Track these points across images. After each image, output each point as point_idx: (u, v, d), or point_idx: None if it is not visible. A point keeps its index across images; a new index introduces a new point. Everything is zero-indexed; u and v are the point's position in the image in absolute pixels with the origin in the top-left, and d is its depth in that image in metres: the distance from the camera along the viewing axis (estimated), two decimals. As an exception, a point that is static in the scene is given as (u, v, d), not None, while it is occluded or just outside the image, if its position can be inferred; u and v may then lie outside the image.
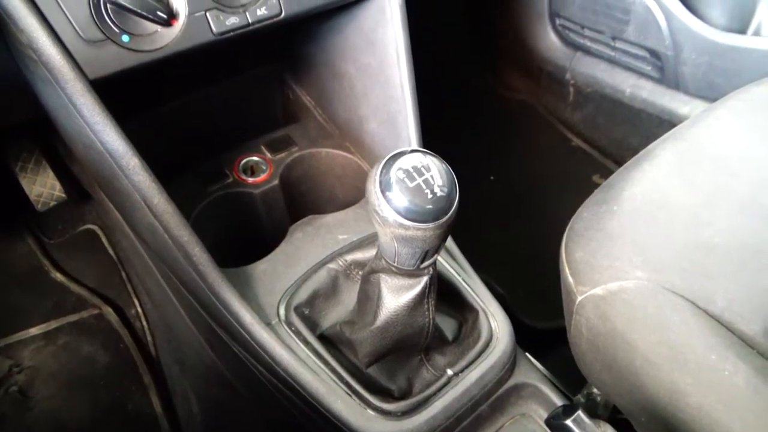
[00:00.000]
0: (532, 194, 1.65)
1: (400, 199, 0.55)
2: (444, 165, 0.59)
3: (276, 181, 1.05)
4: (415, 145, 0.94)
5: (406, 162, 0.57)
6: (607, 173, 1.60)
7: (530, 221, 1.57)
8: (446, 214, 0.57)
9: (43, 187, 1.38)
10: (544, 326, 1.33)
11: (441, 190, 0.56)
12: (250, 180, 1.04)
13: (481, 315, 0.82)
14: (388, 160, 0.57)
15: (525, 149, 1.77)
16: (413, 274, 0.65)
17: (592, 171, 1.65)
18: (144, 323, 1.37)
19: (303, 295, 0.81)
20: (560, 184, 1.64)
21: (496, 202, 1.64)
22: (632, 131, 1.55)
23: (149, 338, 1.35)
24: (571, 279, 0.73)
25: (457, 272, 0.86)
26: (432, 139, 0.98)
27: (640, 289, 0.67)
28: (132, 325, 1.37)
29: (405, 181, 0.56)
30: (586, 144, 1.71)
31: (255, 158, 1.07)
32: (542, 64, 1.73)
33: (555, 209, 1.21)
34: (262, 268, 0.86)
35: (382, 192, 0.56)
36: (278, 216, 1.08)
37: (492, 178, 1.71)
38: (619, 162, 1.58)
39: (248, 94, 1.22)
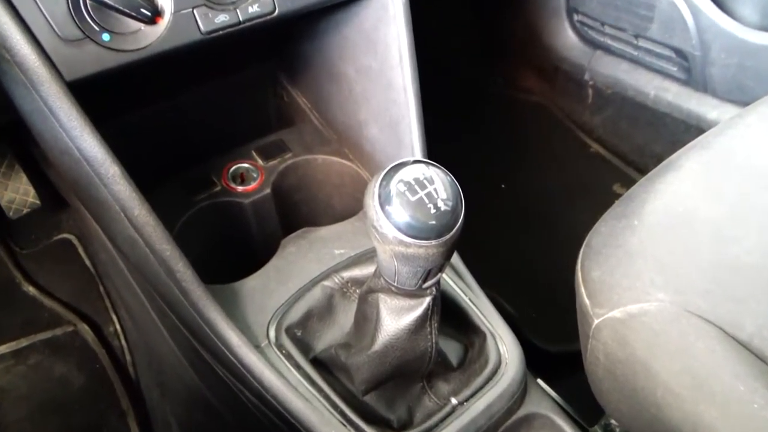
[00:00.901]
0: (546, 205, 1.64)
1: (401, 214, 0.56)
2: (449, 177, 0.59)
3: (268, 190, 1.05)
4: (418, 152, 0.94)
5: (407, 173, 0.57)
6: (628, 182, 1.60)
7: (544, 235, 1.56)
8: (450, 230, 0.57)
9: (15, 193, 1.39)
10: (558, 350, 1.33)
11: (445, 205, 0.57)
12: (240, 188, 1.05)
13: (489, 338, 0.82)
14: (388, 171, 0.58)
15: (539, 156, 1.77)
16: (415, 294, 0.65)
17: (612, 180, 1.65)
18: (122, 342, 1.37)
19: (295, 315, 0.81)
20: (577, 195, 1.64)
21: (506, 213, 1.64)
22: (656, 137, 1.55)
23: (128, 359, 1.35)
24: (587, 300, 0.74)
25: (462, 291, 0.87)
26: (437, 146, 0.98)
27: (662, 312, 0.67)
28: (109, 344, 1.36)
29: (406, 195, 0.56)
30: (605, 150, 1.71)
31: (245, 165, 1.08)
32: (558, 64, 1.73)
33: (571, 222, 1.20)
34: (251, 285, 0.86)
35: (381, 206, 0.56)
36: (270, 228, 1.08)
37: (503, 186, 1.71)
38: (642, 170, 1.58)
39: (239, 96, 1.23)
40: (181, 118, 1.16)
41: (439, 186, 0.57)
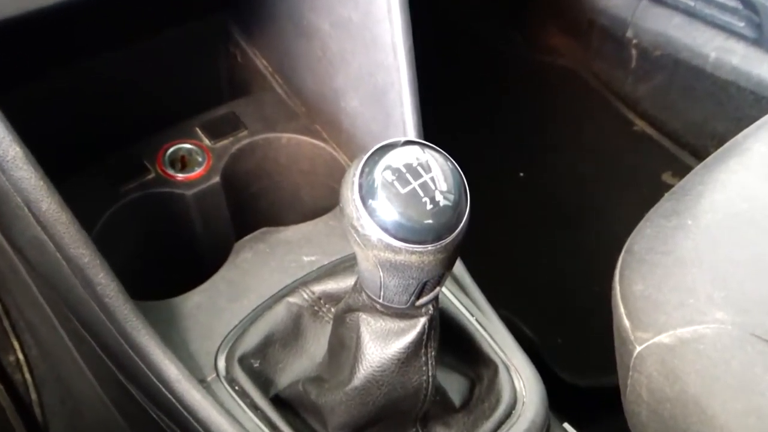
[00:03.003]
0: (576, 200, 1.66)
1: (388, 210, 0.56)
2: (450, 163, 0.59)
3: (216, 179, 1.05)
4: (410, 131, 0.95)
5: (396, 158, 0.58)
6: (682, 170, 1.61)
7: (572, 238, 1.57)
8: (451, 232, 0.58)
9: None
10: (590, 385, 1.34)
11: (445, 199, 0.57)
12: (180, 176, 1.05)
13: (502, 371, 0.83)
14: (371, 155, 0.58)
15: (567, 136, 1.78)
16: (406, 314, 0.66)
17: (660, 167, 1.66)
18: (26, 376, 1.36)
19: (252, 340, 0.82)
20: (617, 186, 1.65)
21: (525, 210, 1.65)
22: (717, 112, 1.56)
23: (33, 396, 1.34)
24: (627, 321, 0.74)
25: (468, 310, 0.87)
26: (436, 123, 0.99)
27: (722, 337, 0.68)
28: (9, 379, 1.36)
29: (395, 186, 0.56)
30: (652, 129, 1.72)
31: (187, 146, 1.08)
32: (594, 17, 1.74)
33: (608, 221, 1.21)
34: (194, 301, 0.87)
35: (363, 200, 0.57)
36: (219, 227, 1.08)
37: (521, 175, 1.71)
38: (699, 154, 1.59)
39: (180, 57, 1.23)
40: (104, 86, 1.15)
41: (438, 174, 0.58)
